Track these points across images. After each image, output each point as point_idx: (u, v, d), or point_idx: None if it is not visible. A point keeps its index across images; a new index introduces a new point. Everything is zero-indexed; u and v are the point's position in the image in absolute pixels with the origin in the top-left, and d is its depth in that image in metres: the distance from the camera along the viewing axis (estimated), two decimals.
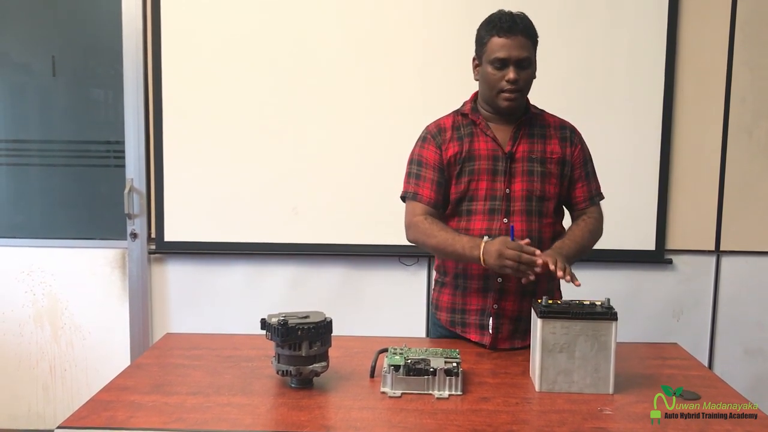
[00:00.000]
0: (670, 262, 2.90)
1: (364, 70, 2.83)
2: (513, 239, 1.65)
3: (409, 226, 1.86)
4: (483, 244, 1.68)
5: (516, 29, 1.72)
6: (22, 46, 3.04)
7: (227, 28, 2.84)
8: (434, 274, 1.99)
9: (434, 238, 1.79)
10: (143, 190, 2.93)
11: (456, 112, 1.89)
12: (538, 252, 1.62)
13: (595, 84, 2.82)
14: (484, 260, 1.67)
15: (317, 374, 1.51)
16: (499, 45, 1.73)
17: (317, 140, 2.85)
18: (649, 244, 2.87)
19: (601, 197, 1.91)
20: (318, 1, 2.82)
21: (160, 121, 2.87)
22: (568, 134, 1.86)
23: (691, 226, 2.88)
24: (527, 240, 1.67)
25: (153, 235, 2.94)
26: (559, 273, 1.60)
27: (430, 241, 1.80)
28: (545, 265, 1.60)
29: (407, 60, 2.82)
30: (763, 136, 2.85)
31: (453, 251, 1.76)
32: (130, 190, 2.93)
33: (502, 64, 1.73)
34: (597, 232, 1.88)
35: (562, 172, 1.83)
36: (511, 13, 1.75)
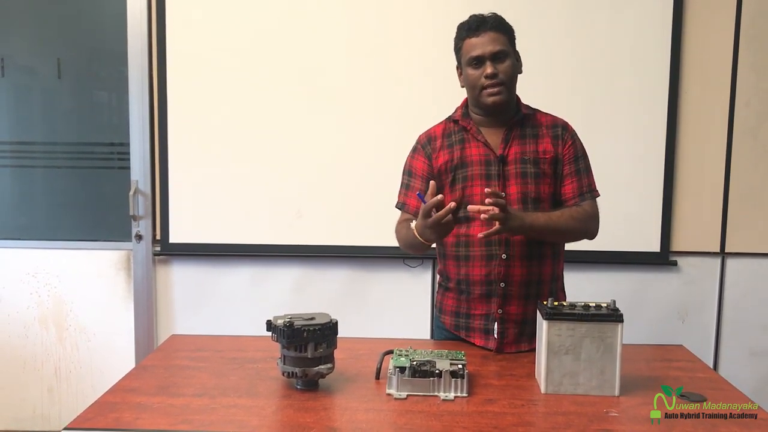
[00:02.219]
0: (675, 263, 2.89)
1: (370, 74, 2.83)
2: (424, 202, 1.61)
3: (395, 235, 1.91)
4: (413, 224, 1.72)
5: (484, 26, 1.75)
6: (28, 49, 3.05)
7: (232, 31, 2.85)
8: (438, 277, 1.98)
9: (401, 240, 1.85)
10: (148, 192, 2.94)
11: (448, 119, 1.90)
12: (440, 196, 1.58)
13: (600, 86, 2.82)
14: (421, 236, 1.68)
15: (323, 376, 1.51)
16: (471, 45, 1.76)
17: (321, 143, 2.86)
18: (654, 246, 2.87)
19: (595, 194, 1.84)
20: (324, 5, 2.82)
21: (164, 123, 2.87)
22: (560, 132, 1.84)
23: (696, 228, 2.88)
24: (439, 196, 1.59)
25: (158, 237, 2.95)
26: (482, 215, 1.59)
27: (401, 243, 1.86)
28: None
29: (414, 63, 2.82)
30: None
31: (413, 242, 1.75)
32: (134, 192, 2.93)
33: (478, 61, 1.75)
34: (580, 221, 1.79)
35: (555, 171, 1.82)
36: (481, 14, 1.78)
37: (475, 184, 1.79)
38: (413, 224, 1.71)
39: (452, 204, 1.58)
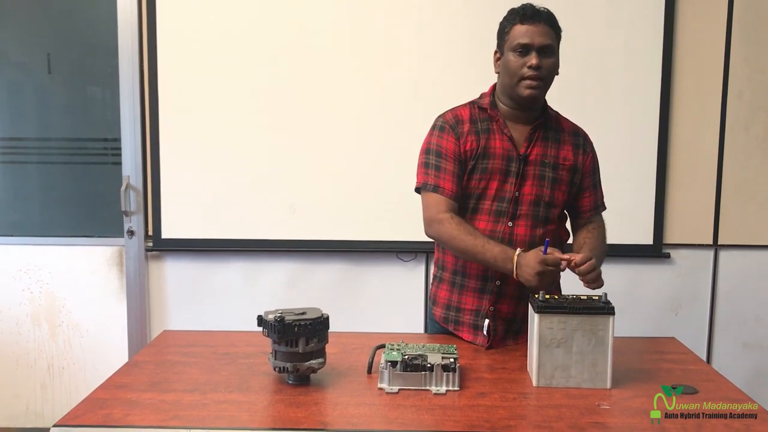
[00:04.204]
0: (668, 256, 2.90)
1: (360, 67, 2.82)
2: (546, 252, 1.59)
3: (431, 222, 1.76)
4: (516, 257, 1.63)
5: (539, 17, 1.71)
6: (18, 44, 3.03)
7: (223, 25, 2.83)
8: (433, 268, 1.97)
9: (462, 242, 1.70)
10: (140, 187, 2.92)
11: (473, 104, 1.83)
12: (574, 259, 1.61)
13: (593, 79, 2.81)
14: (517, 274, 1.62)
15: (314, 371, 1.51)
16: (522, 31, 1.70)
17: (314, 137, 2.85)
18: (647, 239, 2.87)
19: (605, 207, 1.91)
20: (315, 1, 2.82)
21: (156, 119, 2.86)
22: (581, 141, 1.84)
23: (688, 221, 2.88)
24: (565, 257, 1.61)
25: (150, 233, 2.94)
26: (583, 267, 1.60)
27: (456, 244, 1.72)
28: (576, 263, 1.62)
29: (404, 56, 2.80)
30: (760, 130, 2.85)
31: (482, 260, 1.70)
32: (126, 188, 2.92)
33: (524, 49, 1.70)
34: (606, 241, 1.88)
35: (571, 180, 1.81)
36: (534, 5, 1.74)
37: (494, 178, 1.75)
38: (517, 253, 1.63)
39: (576, 258, 1.60)
